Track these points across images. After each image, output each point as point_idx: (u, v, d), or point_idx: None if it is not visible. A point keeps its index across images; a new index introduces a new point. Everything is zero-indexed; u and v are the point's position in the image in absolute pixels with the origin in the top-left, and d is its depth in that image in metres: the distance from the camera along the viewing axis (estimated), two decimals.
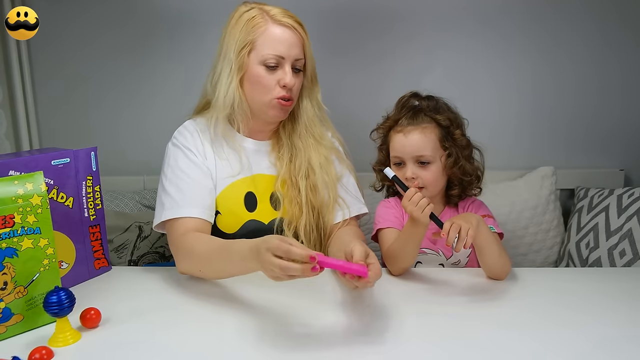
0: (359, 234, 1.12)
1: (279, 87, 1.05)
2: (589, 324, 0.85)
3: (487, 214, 1.15)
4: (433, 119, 1.11)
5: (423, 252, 1.16)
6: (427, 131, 1.10)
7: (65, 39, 1.67)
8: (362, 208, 1.17)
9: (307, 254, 0.73)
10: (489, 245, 1.01)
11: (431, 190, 1.11)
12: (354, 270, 0.78)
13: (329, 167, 1.13)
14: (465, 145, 1.13)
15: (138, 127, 1.71)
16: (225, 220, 1.09)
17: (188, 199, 1.04)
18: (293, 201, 1.10)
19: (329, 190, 1.11)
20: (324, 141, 1.14)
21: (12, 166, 0.93)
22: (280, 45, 1.03)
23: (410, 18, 1.60)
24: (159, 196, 1.08)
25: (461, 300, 0.96)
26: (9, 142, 1.66)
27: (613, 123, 1.65)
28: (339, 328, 0.84)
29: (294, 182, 1.11)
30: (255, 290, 0.97)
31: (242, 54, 1.04)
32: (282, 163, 1.12)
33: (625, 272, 1.20)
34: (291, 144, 1.13)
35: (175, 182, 1.05)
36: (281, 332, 0.83)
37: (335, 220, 1.12)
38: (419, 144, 1.09)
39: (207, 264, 0.97)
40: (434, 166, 1.10)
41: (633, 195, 1.42)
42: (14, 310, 0.83)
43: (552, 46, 1.60)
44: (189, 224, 1.02)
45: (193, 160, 1.08)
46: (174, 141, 1.11)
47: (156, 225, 1.07)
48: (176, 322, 0.88)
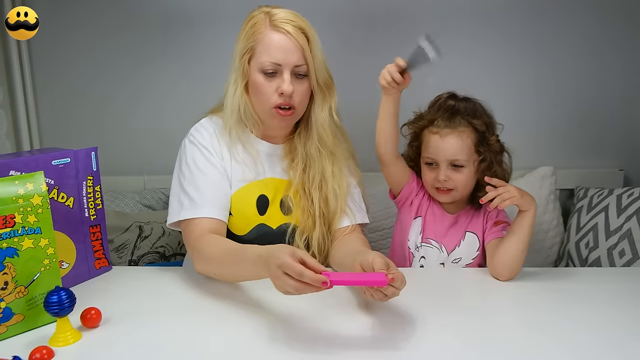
0: (366, 243, 1.11)
1: (276, 94, 1.03)
2: (588, 324, 0.85)
3: (506, 221, 1.14)
4: (470, 124, 1.11)
5: (429, 242, 1.16)
6: (464, 136, 1.10)
7: (66, 38, 1.67)
8: (364, 217, 1.16)
9: (319, 279, 0.72)
10: (518, 237, 1.02)
11: (461, 192, 1.12)
12: (371, 282, 0.76)
13: (342, 178, 1.11)
14: (499, 151, 1.14)
15: (138, 127, 1.71)
16: (236, 222, 1.08)
17: (206, 199, 1.03)
18: (305, 212, 1.10)
19: (339, 200, 1.10)
20: (338, 152, 1.12)
21: (12, 166, 0.93)
22: (276, 52, 1.01)
23: (409, 18, 1.60)
24: (175, 194, 1.07)
25: (461, 300, 0.97)
26: (9, 142, 1.66)
27: (613, 123, 1.65)
28: (344, 332, 0.84)
29: (307, 192, 1.10)
30: (257, 291, 0.97)
31: (243, 61, 1.04)
32: (295, 172, 1.11)
33: (625, 272, 1.20)
34: (305, 153, 1.11)
35: (193, 182, 1.05)
36: (282, 333, 0.83)
37: (341, 225, 1.11)
38: (455, 148, 1.09)
39: (221, 268, 0.97)
40: (467, 170, 1.11)
41: (632, 195, 1.42)
42: (14, 310, 0.83)
43: (552, 46, 1.61)
44: (205, 224, 1.01)
45: (210, 160, 1.07)
46: (191, 138, 1.09)
47: (171, 223, 1.06)
48: (176, 322, 0.88)
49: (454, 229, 1.17)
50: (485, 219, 1.16)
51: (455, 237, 1.16)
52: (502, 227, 1.12)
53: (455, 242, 1.16)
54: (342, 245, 1.08)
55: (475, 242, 1.16)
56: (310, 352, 0.77)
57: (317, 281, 0.72)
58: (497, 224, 1.13)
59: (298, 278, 0.73)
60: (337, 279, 0.74)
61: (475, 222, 1.16)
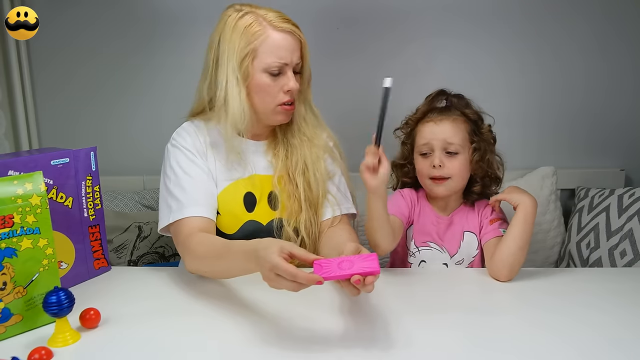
0: (352, 233, 1.12)
1: (282, 92, 1.06)
2: (589, 324, 0.84)
3: (501, 218, 1.15)
4: (463, 114, 1.14)
5: (427, 245, 1.16)
6: (458, 122, 1.12)
7: (65, 39, 1.67)
8: (350, 208, 1.17)
9: (313, 279, 0.73)
10: (513, 234, 1.04)
11: (456, 181, 1.12)
12: (362, 272, 0.74)
13: (319, 164, 1.13)
14: (492, 141, 1.16)
15: (138, 127, 1.71)
16: (224, 220, 1.08)
17: (193, 198, 1.04)
18: (291, 196, 1.11)
19: (319, 187, 1.12)
20: (316, 140, 1.15)
21: (11, 166, 0.93)
22: (282, 51, 1.03)
23: (409, 19, 1.60)
24: (163, 198, 1.07)
25: (460, 301, 0.96)
26: (8, 142, 1.66)
27: (613, 123, 1.65)
28: (341, 332, 0.84)
29: (291, 177, 1.12)
30: (256, 291, 0.97)
31: (245, 64, 1.03)
32: (277, 160, 1.13)
33: (626, 272, 1.20)
34: (287, 142, 1.14)
35: (179, 184, 1.05)
36: (282, 334, 0.83)
37: (325, 217, 1.12)
38: (450, 131, 1.11)
39: (211, 265, 0.97)
40: (461, 157, 1.11)
41: (634, 195, 1.42)
42: (13, 311, 0.82)
43: (553, 45, 1.61)
44: (194, 223, 1.02)
45: (194, 161, 1.08)
46: (173, 142, 1.11)
47: (162, 228, 1.06)
48: (176, 322, 0.88)
49: (451, 230, 1.17)
50: (480, 217, 1.16)
51: (454, 240, 1.16)
52: (499, 224, 1.12)
53: (456, 245, 1.16)
54: (329, 239, 1.10)
55: (474, 240, 1.16)
56: (309, 352, 0.77)
57: (310, 281, 0.73)
58: (492, 222, 1.14)
59: (292, 279, 0.73)
60: (329, 274, 0.74)
61: (471, 221, 1.17)
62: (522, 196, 1.06)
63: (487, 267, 1.08)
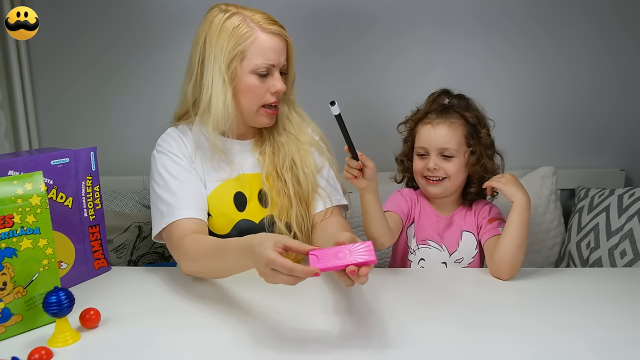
0: (344, 224, 1.12)
1: (269, 94, 1.06)
2: (589, 324, 0.84)
3: (500, 218, 1.16)
4: (462, 116, 1.14)
5: (426, 243, 1.17)
6: (455, 126, 1.13)
7: (65, 39, 1.67)
8: (341, 199, 1.17)
9: (310, 272, 0.72)
10: (510, 230, 1.04)
11: (452, 181, 1.13)
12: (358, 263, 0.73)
13: (307, 158, 1.14)
14: (490, 145, 1.16)
15: (138, 126, 1.71)
16: (216, 221, 1.08)
17: (183, 201, 1.04)
18: (280, 192, 1.11)
19: (309, 181, 1.12)
20: (302, 137, 1.16)
21: (11, 166, 0.93)
22: (271, 53, 1.04)
23: (409, 19, 1.60)
24: (154, 205, 1.07)
25: (460, 301, 0.96)
26: (8, 142, 1.66)
27: (613, 123, 1.65)
28: (338, 331, 0.84)
29: (279, 174, 1.12)
30: (254, 292, 0.97)
31: (233, 65, 1.03)
32: (265, 157, 1.13)
33: (626, 272, 1.20)
34: (273, 139, 1.15)
35: (168, 188, 1.05)
36: (282, 334, 0.83)
37: (317, 210, 1.13)
38: (445, 137, 1.11)
39: (205, 266, 0.97)
40: (457, 160, 1.12)
41: (634, 195, 1.42)
42: (13, 311, 0.82)
43: (553, 46, 1.61)
44: (186, 225, 1.02)
45: (181, 164, 1.07)
46: (159, 148, 1.11)
47: (156, 235, 1.06)
48: (175, 322, 0.88)
49: (451, 230, 1.18)
50: (477, 217, 1.17)
51: (453, 238, 1.17)
52: (497, 224, 1.13)
53: (455, 243, 1.16)
54: (322, 232, 1.10)
55: (473, 240, 1.16)
56: (307, 352, 0.77)
57: (308, 273, 0.73)
58: (491, 221, 1.14)
59: (288, 273, 0.73)
60: (326, 265, 0.74)
61: (469, 221, 1.18)
62: (517, 192, 1.06)
63: (488, 266, 1.09)
